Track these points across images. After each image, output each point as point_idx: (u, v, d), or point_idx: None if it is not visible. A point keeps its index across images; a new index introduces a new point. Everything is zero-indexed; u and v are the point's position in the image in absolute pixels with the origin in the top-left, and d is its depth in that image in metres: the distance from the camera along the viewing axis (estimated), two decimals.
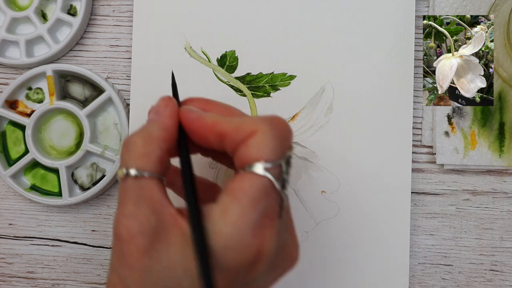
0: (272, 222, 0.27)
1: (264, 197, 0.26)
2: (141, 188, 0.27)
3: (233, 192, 0.26)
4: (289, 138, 0.29)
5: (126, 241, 0.26)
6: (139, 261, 0.26)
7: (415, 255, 0.43)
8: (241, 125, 0.28)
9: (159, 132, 0.29)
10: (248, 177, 0.27)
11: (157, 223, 0.26)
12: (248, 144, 0.27)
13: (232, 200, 0.26)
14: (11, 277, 0.45)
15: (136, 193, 0.27)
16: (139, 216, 0.26)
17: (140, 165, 0.27)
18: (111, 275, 0.28)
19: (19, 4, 0.44)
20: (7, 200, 0.45)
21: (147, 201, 0.27)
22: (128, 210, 0.27)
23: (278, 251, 0.28)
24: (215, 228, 0.26)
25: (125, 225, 0.26)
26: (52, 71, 0.42)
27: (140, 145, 0.28)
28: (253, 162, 0.27)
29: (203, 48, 0.42)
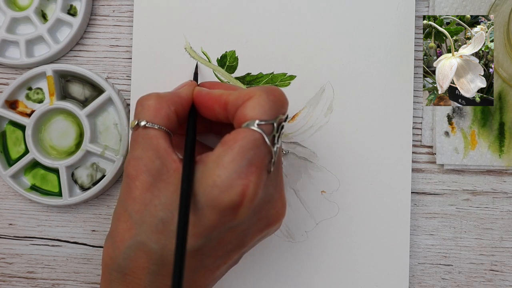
0: (258, 170, 0.30)
1: (253, 148, 0.30)
2: (149, 136, 0.32)
3: (227, 142, 0.30)
4: (283, 104, 0.32)
5: (133, 178, 0.31)
6: (142, 194, 0.31)
7: (415, 255, 0.43)
8: (241, 92, 0.32)
9: (170, 95, 0.34)
10: (241, 131, 0.30)
11: (160, 165, 0.31)
12: (245, 105, 0.31)
13: (225, 149, 0.30)
14: (11, 277, 0.45)
15: (144, 140, 0.32)
16: (146, 159, 0.31)
17: (150, 117, 0.32)
18: (118, 207, 0.32)
19: (19, 4, 0.44)
20: (7, 200, 0.45)
21: (154, 147, 0.31)
22: (137, 153, 0.31)
23: (263, 201, 0.31)
24: (208, 171, 0.30)
25: (133, 165, 0.31)
26: (52, 71, 0.42)
27: (152, 102, 0.33)
28: (248, 120, 0.31)
29: (203, 48, 0.42)
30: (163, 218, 0.30)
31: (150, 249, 0.31)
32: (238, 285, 0.42)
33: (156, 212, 0.30)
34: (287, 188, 0.42)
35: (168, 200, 0.30)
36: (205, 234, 0.30)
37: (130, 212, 0.31)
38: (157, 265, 0.31)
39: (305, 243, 0.42)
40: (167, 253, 0.31)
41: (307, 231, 0.42)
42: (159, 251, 0.31)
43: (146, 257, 0.31)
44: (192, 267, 0.32)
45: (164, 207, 0.30)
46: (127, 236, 0.31)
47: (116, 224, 0.32)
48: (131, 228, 0.31)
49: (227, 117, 0.33)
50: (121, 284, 0.32)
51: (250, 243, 0.33)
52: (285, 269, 0.42)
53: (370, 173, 0.41)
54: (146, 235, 0.31)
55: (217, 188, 0.29)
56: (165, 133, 0.32)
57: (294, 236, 0.42)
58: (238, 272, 0.42)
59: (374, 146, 0.41)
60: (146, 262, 0.31)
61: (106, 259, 0.33)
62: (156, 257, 0.31)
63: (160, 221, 0.30)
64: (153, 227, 0.30)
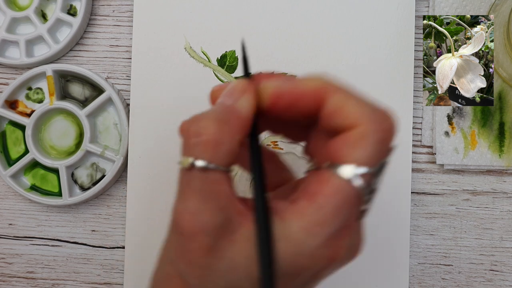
0: (350, 231, 0.25)
1: (348, 207, 0.24)
2: (208, 182, 0.24)
3: (313, 196, 0.24)
4: (392, 141, 0.25)
5: (189, 238, 0.24)
6: (201, 259, 0.24)
7: (415, 255, 0.43)
8: (345, 107, 0.24)
9: (235, 121, 0.25)
10: (332, 180, 0.23)
11: (223, 221, 0.24)
12: (344, 138, 0.24)
13: (310, 204, 0.23)
14: (11, 277, 0.45)
15: (202, 187, 0.24)
16: (205, 213, 0.24)
17: (210, 156, 0.24)
18: (167, 267, 0.27)
19: (19, 4, 0.44)
20: (7, 200, 0.45)
21: (214, 196, 0.24)
22: (193, 205, 0.24)
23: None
24: (287, 231, 0.24)
25: (189, 221, 0.24)
26: (52, 71, 0.42)
27: (212, 132, 0.24)
28: (343, 162, 0.23)
29: (203, 48, 0.42)
30: (228, 286, 0.24)
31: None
32: None
33: (219, 279, 0.24)
34: None
35: (233, 264, 0.24)
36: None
37: (187, 277, 0.25)
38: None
39: None
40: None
41: None
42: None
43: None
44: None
45: (228, 274, 0.24)
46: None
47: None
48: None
49: (311, 116, 0.26)
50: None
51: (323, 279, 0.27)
52: None
53: None
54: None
55: (301, 256, 0.24)
56: (227, 174, 0.25)
57: None
58: None
59: None
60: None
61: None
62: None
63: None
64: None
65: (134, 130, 0.42)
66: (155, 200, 0.42)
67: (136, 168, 0.42)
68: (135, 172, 0.42)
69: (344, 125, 0.24)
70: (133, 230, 0.42)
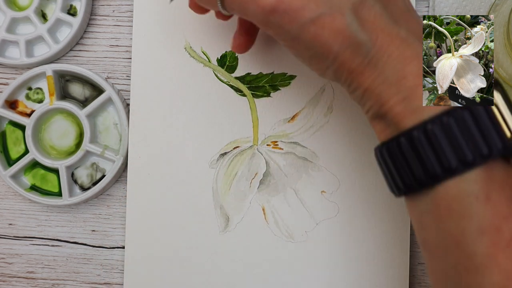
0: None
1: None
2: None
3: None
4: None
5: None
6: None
7: (415, 255, 0.43)
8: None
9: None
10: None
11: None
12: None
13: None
14: (11, 277, 0.45)
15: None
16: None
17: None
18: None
19: (19, 4, 0.44)
20: (7, 200, 0.45)
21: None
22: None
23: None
24: None
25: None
26: (52, 71, 0.42)
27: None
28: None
29: (203, 48, 0.42)
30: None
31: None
32: (238, 284, 0.42)
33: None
34: (287, 188, 0.42)
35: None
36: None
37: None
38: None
39: (305, 243, 0.42)
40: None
41: (307, 231, 0.42)
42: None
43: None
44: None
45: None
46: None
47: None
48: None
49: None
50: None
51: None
52: (285, 269, 0.42)
53: (370, 173, 0.41)
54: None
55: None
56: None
57: (294, 236, 0.42)
58: (238, 271, 0.42)
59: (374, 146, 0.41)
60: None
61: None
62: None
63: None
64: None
65: (134, 130, 0.42)
66: (155, 200, 0.42)
67: (136, 168, 0.42)
68: (135, 172, 0.42)
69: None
70: (133, 230, 0.42)
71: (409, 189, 0.28)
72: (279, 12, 0.28)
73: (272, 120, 0.42)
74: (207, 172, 0.42)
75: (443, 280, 0.28)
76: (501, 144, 0.27)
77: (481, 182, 0.26)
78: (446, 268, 0.28)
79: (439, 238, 0.28)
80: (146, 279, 0.42)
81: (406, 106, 0.28)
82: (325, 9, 0.28)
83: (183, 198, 0.42)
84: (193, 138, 0.42)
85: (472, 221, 0.26)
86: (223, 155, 0.42)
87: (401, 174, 0.28)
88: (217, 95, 0.42)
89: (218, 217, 0.42)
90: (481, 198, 0.26)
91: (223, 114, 0.42)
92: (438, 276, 0.28)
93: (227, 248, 0.42)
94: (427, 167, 0.27)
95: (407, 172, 0.28)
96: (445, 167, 0.27)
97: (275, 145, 0.42)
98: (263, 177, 0.42)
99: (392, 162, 0.29)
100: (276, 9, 0.28)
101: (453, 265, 0.27)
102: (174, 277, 0.42)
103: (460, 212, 0.26)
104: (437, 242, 0.28)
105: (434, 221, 0.28)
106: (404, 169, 0.28)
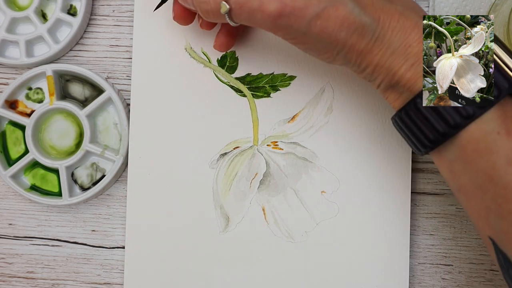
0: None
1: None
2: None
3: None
4: None
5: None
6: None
7: (415, 255, 0.43)
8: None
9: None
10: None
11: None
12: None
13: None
14: (11, 277, 0.45)
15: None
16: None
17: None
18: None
19: (19, 4, 0.44)
20: (7, 200, 0.45)
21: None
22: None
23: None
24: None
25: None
26: (52, 71, 0.42)
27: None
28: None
29: (204, 48, 0.42)
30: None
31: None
32: (238, 285, 0.42)
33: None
34: (287, 188, 0.42)
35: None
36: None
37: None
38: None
39: (305, 243, 0.42)
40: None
41: (307, 231, 0.42)
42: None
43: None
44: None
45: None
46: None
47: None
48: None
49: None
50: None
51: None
52: (285, 269, 0.42)
53: (370, 173, 0.41)
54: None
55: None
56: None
57: (294, 236, 0.42)
58: (238, 271, 0.42)
59: (374, 146, 0.41)
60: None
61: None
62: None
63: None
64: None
65: (134, 130, 0.42)
66: (155, 200, 0.42)
67: (136, 168, 0.42)
68: (135, 172, 0.42)
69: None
70: (133, 230, 0.42)
71: (434, 144, 0.31)
72: (285, 15, 0.30)
73: (272, 120, 0.42)
74: (207, 172, 0.42)
75: (485, 216, 0.30)
76: (507, 83, 0.29)
77: (499, 119, 0.29)
78: (486, 204, 0.30)
79: (472, 179, 0.30)
80: (146, 279, 0.42)
81: (416, 70, 0.30)
82: (327, 2, 0.30)
83: (183, 198, 0.42)
84: (193, 138, 0.42)
85: (500, 154, 0.29)
86: (223, 155, 0.42)
87: (424, 132, 0.31)
88: (217, 96, 0.42)
89: (218, 217, 0.42)
90: (502, 132, 0.29)
91: (223, 115, 0.42)
92: (480, 214, 0.31)
93: (227, 248, 0.42)
94: (447, 118, 0.29)
95: (429, 128, 0.30)
96: (463, 114, 0.29)
97: (275, 146, 0.42)
98: (263, 177, 0.42)
99: (413, 123, 0.31)
100: (282, 12, 0.30)
101: (492, 199, 0.29)
102: (174, 277, 0.42)
103: (487, 149, 0.29)
104: (471, 183, 0.30)
105: (465, 166, 0.30)
106: (426, 127, 0.30)
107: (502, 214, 0.29)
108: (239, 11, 0.32)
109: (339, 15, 0.30)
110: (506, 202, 0.29)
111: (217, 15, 0.33)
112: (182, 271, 0.42)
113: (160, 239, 0.42)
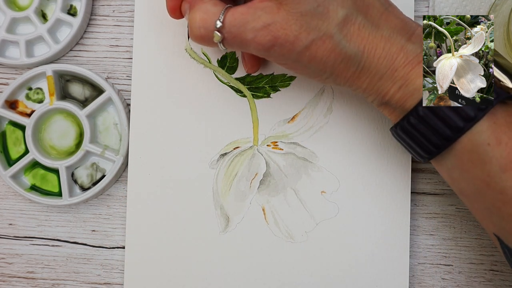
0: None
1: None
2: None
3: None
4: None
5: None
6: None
7: (415, 255, 0.43)
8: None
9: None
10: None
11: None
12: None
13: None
14: (11, 277, 0.45)
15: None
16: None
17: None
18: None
19: (19, 4, 0.44)
20: (7, 200, 0.45)
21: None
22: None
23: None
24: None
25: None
26: (52, 71, 0.42)
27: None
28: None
29: (204, 49, 0.42)
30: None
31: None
32: (238, 285, 0.42)
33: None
34: (287, 188, 0.42)
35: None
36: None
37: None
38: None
39: (305, 243, 0.42)
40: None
41: (307, 231, 0.42)
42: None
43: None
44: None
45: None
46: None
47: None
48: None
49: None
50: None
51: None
52: (285, 269, 0.42)
53: (370, 173, 0.41)
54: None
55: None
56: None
57: (294, 236, 0.42)
58: (238, 272, 0.42)
59: (374, 146, 0.41)
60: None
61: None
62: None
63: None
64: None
65: (134, 130, 0.42)
66: (155, 200, 0.42)
67: (136, 168, 0.42)
68: (135, 172, 0.42)
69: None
70: (133, 230, 0.42)
71: (430, 155, 0.33)
72: (277, 46, 0.32)
73: (272, 120, 0.42)
74: (207, 172, 0.42)
75: (488, 216, 0.32)
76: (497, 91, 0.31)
77: (488, 130, 0.30)
78: (486, 206, 0.32)
79: (470, 185, 0.32)
80: (146, 279, 0.42)
81: (404, 91, 0.32)
82: (315, 35, 0.32)
83: (183, 198, 0.42)
84: (193, 138, 0.42)
85: (492, 163, 0.30)
86: (223, 156, 0.42)
87: (420, 145, 0.33)
88: (217, 96, 0.42)
89: (218, 218, 0.42)
90: (492, 143, 0.30)
91: (223, 115, 0.42)
92: (483, 214, 0.33)
93: (227, 248, 0.42)
94: (440, 132, 0.31)
95: (424, 142, 0.32)
96: (453, 127, 0.31)
97: (275, 146, 0.42)
98: (263, 178, 0.42)
99: (410, 137, 0.33)
100: (274, 44, 0.32)
101: (491, 203, 0.31)
102: (174, 277, 0.42)
103: (480, 160, 0.30)
104: (470, 189, 0.32)
105: (462, 173, 0.32)
106: (421, 140, 0.32)
107: (503, 216, 0.31)
108: (232, 40, 0.33)
109: (326, 47, 0.32)
110: (504, 206, 0.31)
111: (207, 42, 0.34)
112: (182, 271, 0.42)
113: (160, 239, 0.42)
